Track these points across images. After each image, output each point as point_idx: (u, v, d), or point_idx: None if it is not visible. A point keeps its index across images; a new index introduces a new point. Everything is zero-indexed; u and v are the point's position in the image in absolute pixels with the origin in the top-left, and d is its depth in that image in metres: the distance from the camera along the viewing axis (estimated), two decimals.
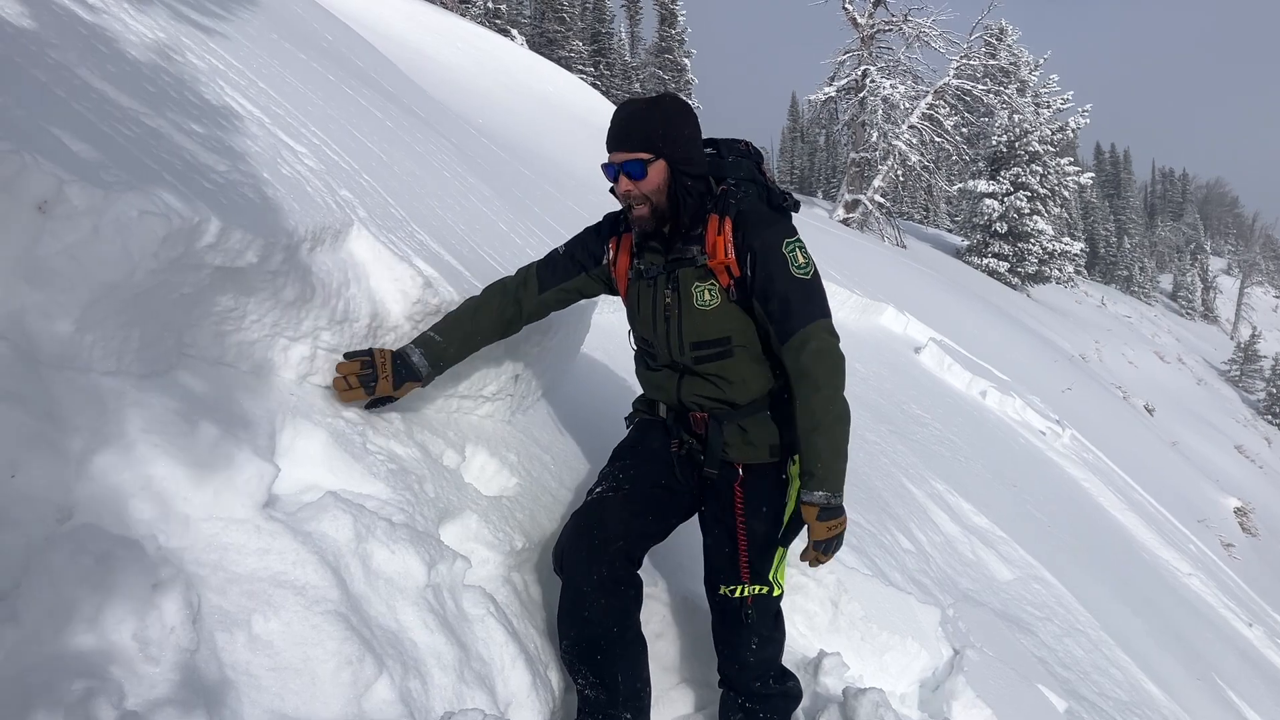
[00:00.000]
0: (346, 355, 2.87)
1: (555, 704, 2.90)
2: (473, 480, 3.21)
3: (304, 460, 2.58)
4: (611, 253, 3.05)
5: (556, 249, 3.20)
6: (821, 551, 2.83)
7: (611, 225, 3.09)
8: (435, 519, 2.85)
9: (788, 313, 2.76)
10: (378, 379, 2.87)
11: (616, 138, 2.76)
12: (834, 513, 2.78)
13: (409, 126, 5.70)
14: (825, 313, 2.82)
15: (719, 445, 2.95)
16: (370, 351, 2.89)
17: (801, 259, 2.81)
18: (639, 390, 3.26)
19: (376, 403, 2.96)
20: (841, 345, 2.85)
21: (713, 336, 2.87)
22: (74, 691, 1.65)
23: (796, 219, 3.13)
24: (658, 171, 2.75)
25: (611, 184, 2.83)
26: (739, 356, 2.88)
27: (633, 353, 3.22)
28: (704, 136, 2.95)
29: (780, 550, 2.99)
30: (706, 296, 2.84)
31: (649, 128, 2.74)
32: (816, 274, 2.84)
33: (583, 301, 3.32)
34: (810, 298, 2.79)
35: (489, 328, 3.09)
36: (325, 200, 3.00)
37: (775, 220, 2.86)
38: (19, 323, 1.98)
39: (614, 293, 3.15)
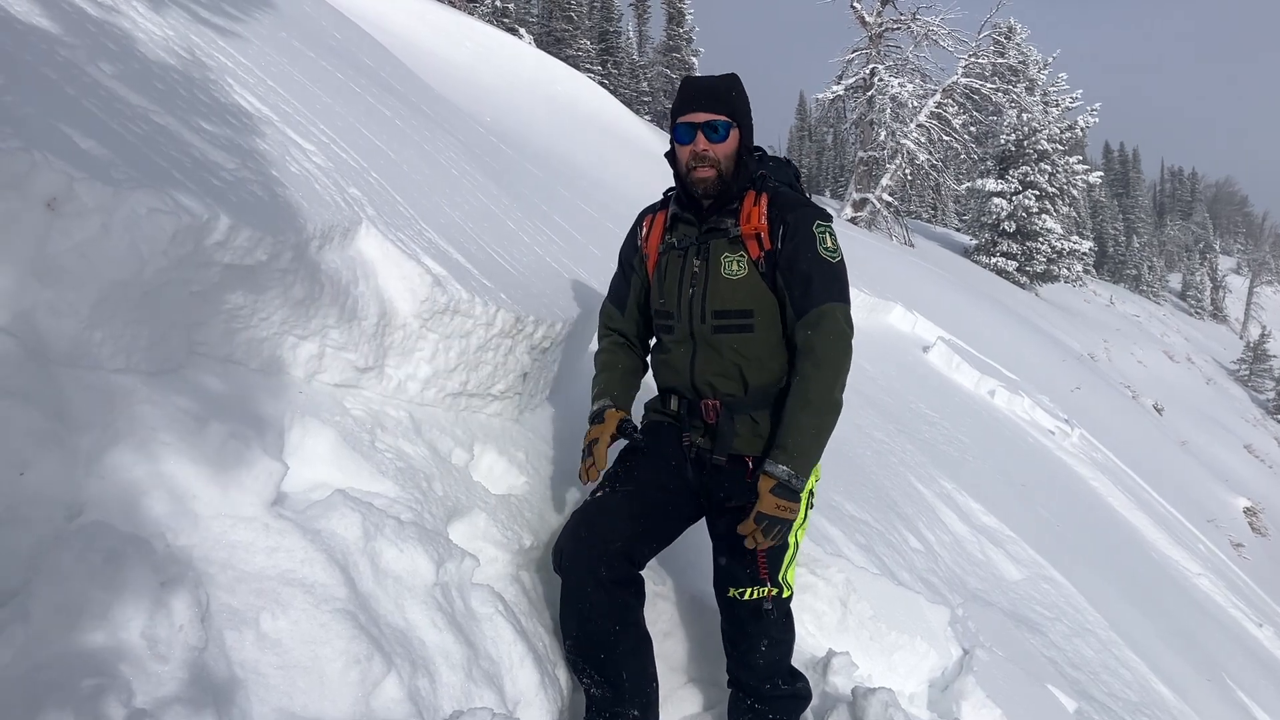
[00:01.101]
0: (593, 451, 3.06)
1: (564, 702, 2.89)
2: (481, 479, 3.20)
3: (312, 458, 2.57)
4: (645, 230, 3.13)
5: (614, 274, 3.34)
6: (761, 528, 2.75)
7: (646, 209, 3.20)
8: (444, 517, 2.85)
9: (808, 288, 2.81)
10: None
11: (700, 98, 2.86)
12: (790, 494, 2.75)
13: (417, 125, 5.70)
14: (845, 299, 2.87)
15: (730, 435, 2.94)
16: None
17: (831, 243, 2.88)
18: (654, 390, 3.25)
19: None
20: (853, 341, 2.85)
21: (736, 307, 2.89)
22: (83, 689, 1.65)
23: None
24: (733, 138, 2.87)
25: (680, 145, 2.90)
26: (759, 334, 2.89)
27: (650, 349, 3.27)
28: None
29: (790, 550, 2.97)
30: (735, 266, 2.89)
31: (731, 94, 2.88)
32: (843, 262, 2.90)
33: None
34: (833, 280, 2.85)
35: (636, 371, 3.31)
36: (334, 198, 3.00)
37: (811, 205, 2.96)
38: (29, 320, 1.98)
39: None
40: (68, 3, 2.89)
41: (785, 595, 3.01)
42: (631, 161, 15.01)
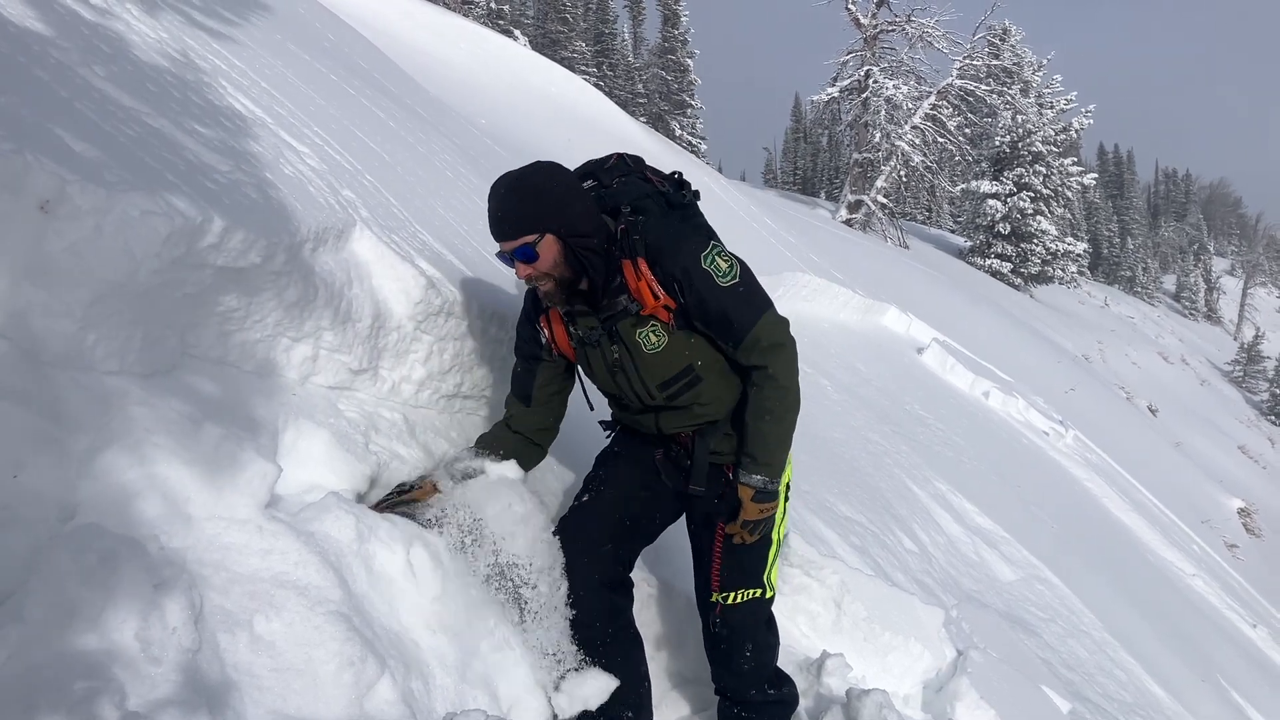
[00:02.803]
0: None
1: (557, 705, 2.89)
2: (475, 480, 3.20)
3: (306, 460, 2.57)
4: (546, 332, 2.93)
5: (515, 364, 3.09)
6: (749, 531, 2.85)
7: (534, 305, 2.96)
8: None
9: (730, 323, 2.69)
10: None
11: (498, 228, 2.64)
12: (769, 496, 2.81)
13: (412, 126, 5.70)
14: (766, 304, 2.74)
15: (705, 460, 2.91)
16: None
17: (724, 265, 2.69)
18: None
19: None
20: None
21: (675, 372, 2.79)
22: (77, 691, 1.65)
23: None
24: (549, 247, 2.62)
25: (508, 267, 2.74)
26: (707, 380, 2.82)
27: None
28: (580, 165, 2.90)
29: (773, 549, 2.98)
30: (653, 339, 2.75)
31: (524, 209, 2.61)
32: (744, 271, 2.73)
33: None
34: (746, 300, 2.71)
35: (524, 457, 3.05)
36: (328, 200, 3.00)
37: (685, 235, 2.74)
38: (22, 322, 1.98)
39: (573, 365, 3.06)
40: (61, 5, 2.89)
41: (769, 597, 3.01)
42: None
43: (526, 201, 2.62)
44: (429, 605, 2.55)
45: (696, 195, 2.95)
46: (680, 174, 2.97)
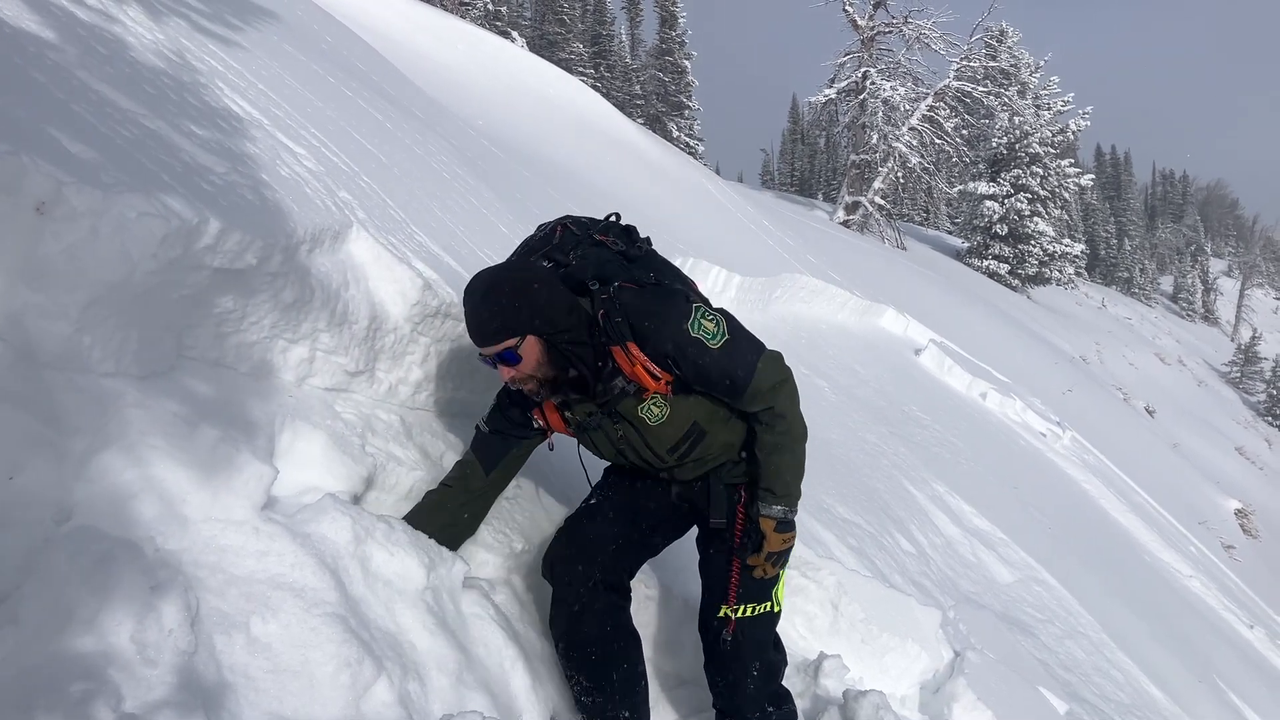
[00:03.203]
0: None
1: (554, 706, 2.89)
2: None
3: (303, 462, 2.57)
4: (540, 422, 2.92)
5: (479, 427, 2.99)
6: (772, 564, 2.86)
7: (521, 399, 2.91)
8: None
9: (732, 381, 2.68)
10: None
11: (478, 335, 2.61)
12: (789, 526, 2.84)
13: (408, 128, 5.70)
14: (759, 349, 2.73)
15: (721, 494, 2.94)
16: None
17: (710, 327, 2.66)
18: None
19: None
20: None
21: (680, 435, 2.81)
22: (73, 693, 1.65)
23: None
24: (531, 349, 2.61)
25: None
26: (712, 432, 2.83)
27: None
28: (526, 238, 2.89)
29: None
30: (655, 410, 2.76)
31: (503, 315, 2.58)
32: (729, 324, 2.70)
33: None
34: (741, 354, 2.69)
35: (461, 531, 2.97)
36: (324, 202, 3.00)
37: (665, 308, 2.69)
38: (18, 324, 1.98)
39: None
40: (58, 7, 2.89)
41: (776, 612, 3.01)
42: (623, 164, 15.01)
43: (504, 305, 2.58)
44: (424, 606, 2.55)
45: (648, 241, 2.93)
46: (617, 215, 2.92)
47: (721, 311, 2.75)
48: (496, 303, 2.58)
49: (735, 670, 2.96)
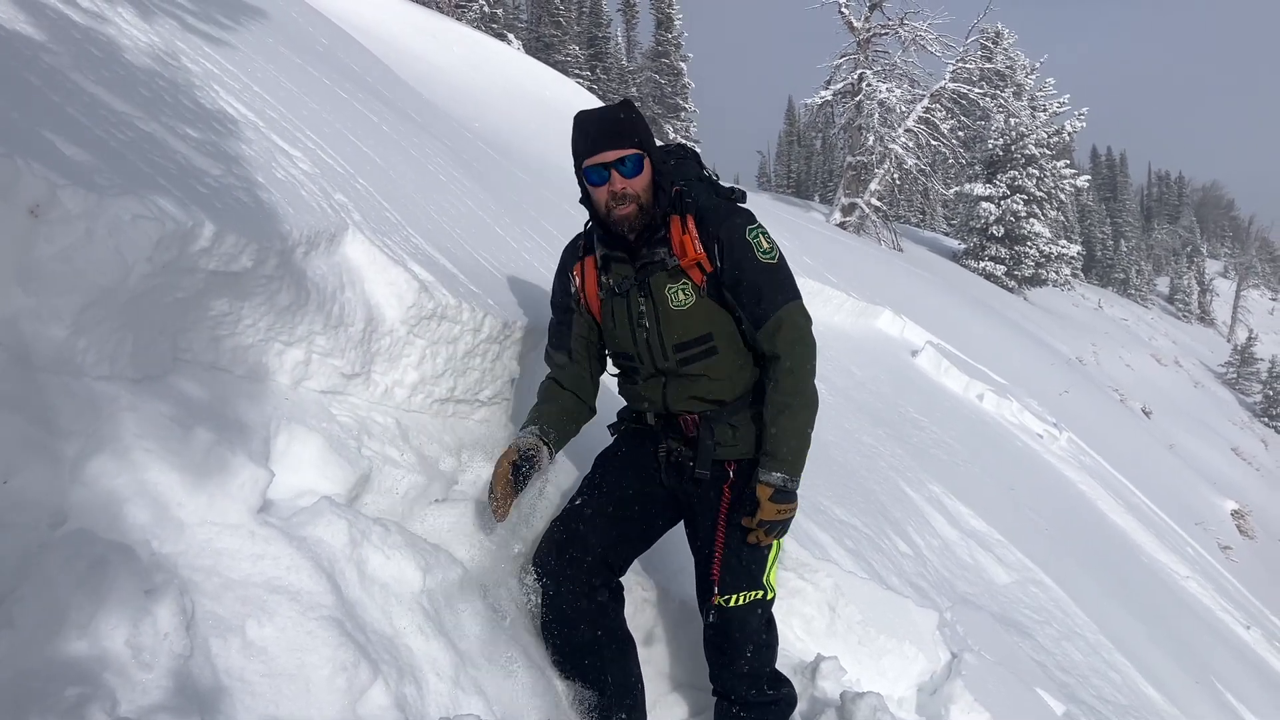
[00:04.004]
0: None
1: (551, 709, 2.89)
2: (469, 485, 3.20)
3: (299, 465, 2.56)
4: (577, 279, 3.02)
5: (550, 319, 3.19)
6: (765, 531, 2.83)
7: (570, 255, 3.07)
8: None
9: (759, 299, 2.78)
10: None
11: (606, 136, 2.74)
12: (788, 497, 2.82)
13: (404, 130, 5.69)
14: (795, 294, 2.84)
15: (710, 447, 2.93)
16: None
17: (765, 244, 2.83)
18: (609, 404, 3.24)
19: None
20: (815, 331, 2.87)
21: (694, 335, 2.85)
22: (67, 698, 1.64)
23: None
24: (647, 168, 2.76)
25: (594, 188, 2.79)
26: (723, 354, 2.88)
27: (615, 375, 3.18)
28: None
29: (773, 552, 2.98)
30: (681, 296, 2.83)
31: (636, 125, 2.76)
32: (782, 258, 2.86)
33: None
34: (779, 282, 2.82)
35: (576, 416, 3.16)
36: (320, 204, 2.99)
37: (735, 210, 2.88)
38: (12, 327, 1.98)
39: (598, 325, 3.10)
40: (52, 9, 2.88)
41: (770, 598, 3.01)
42: None
43: (636, 121, 2.77)
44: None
45: (743, 198, 3.04)
46: (736, 186, 3.09)
47: (780, 250, 2.88)
48: (631, 117, 2.78)
49: (729, 653, 2.99)
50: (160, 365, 2.31)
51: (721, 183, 3.02)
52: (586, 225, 3.02)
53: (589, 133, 2.76)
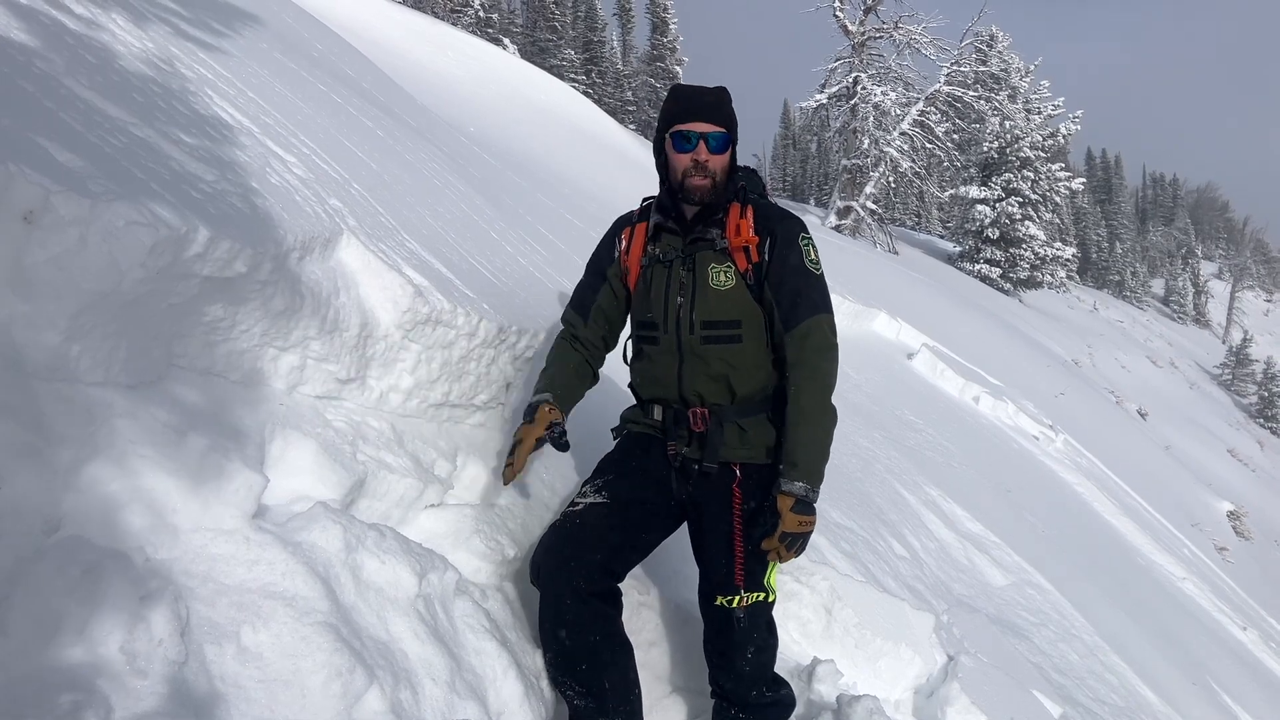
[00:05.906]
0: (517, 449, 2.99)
1: (547, 714, 2.89)
2: (464, 489, 3.20)
3: (294, 470, 2.56)
4: (624, 242, 3.13)
5: (580, 280, 3.27)
6: (786, 546, 2.82)
7: (623, 220, 3.19)
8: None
9: (796, 301, 2.86)
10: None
11: (704, 109, 2.90)
12: (808, 508, 2.81)
13: (399, 135, 5.70)
14: (829, 309, 2.93)
15: (718, 443, 2.95)
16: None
17: (814, 255, 2.95)
18: (633, 399, 3.25)
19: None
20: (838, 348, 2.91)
21: (724, 317, 2.92)
22: (61, 704, 1.64)
23: None
24: (729, 152, 2.94)
25: (678, 152, 2.91)
26: (746, 344, 2.93)
27: (628, 358, 3.20)
28: None
29: None
30: (722, 278, 2.92)
31: (730, 112, 2.93)
32: (824, 275, 2.97)
33: None
34: (819, 293, 2.91)
35: (585, 376, 3.24)
36: (314, 209, 2.99)
37: (793, 216, 3.01)
38: (6, 333, 1.97)
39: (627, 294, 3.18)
40: (45, 15, 2.88)
41: (771, 600, 3.01)
42: (615, 170, 15.02)
43: (731, 108, 2.96)
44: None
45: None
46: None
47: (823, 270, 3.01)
48: (728, 102, 2.95)
49: (729, 654, 3.00)
50: (154, 371, 2.31)
51: (790, 207, 3.18)
52: (643, 203, 3.17)
53: (689, 102, 2.93)
